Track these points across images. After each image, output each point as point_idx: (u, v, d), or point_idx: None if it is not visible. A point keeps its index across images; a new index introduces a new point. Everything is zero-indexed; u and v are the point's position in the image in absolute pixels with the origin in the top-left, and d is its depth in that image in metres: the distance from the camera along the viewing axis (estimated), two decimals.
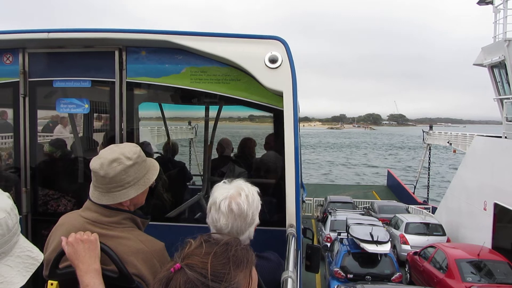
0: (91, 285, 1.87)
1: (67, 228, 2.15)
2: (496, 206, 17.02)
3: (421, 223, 19.95)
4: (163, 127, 5.75)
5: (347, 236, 15.40)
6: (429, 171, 33.97)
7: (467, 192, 20.10)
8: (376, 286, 12.27)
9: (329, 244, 17.38)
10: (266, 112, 3.55)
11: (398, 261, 15.77)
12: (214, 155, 5.09)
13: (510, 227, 17.61)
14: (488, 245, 15.87)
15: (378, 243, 14.02)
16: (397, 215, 21.66)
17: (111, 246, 2.02)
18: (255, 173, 4.57)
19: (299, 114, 3.42)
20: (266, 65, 3.20)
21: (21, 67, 3.64)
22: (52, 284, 2.03)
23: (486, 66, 19.98)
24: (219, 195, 2.15)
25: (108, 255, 2.00)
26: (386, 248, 14.14)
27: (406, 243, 18.71)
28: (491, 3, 20.75)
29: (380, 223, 18.69)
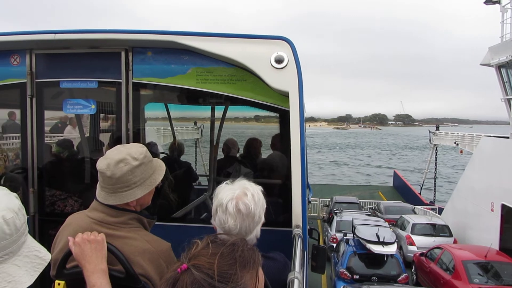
0: (98, 285, 1.88)
1: (74, 228, 2.15)
2: (504, 207, 16.90)
3: (427, 224, 19.86)
4: (169, 128, 5.77)
5: (353, 236, 15.37)
6: (435, 172, 33.80)
7: (474, 193, 19.97)
8: (382, 287, 12.22)
9: (335, 245, 17.35)
10: (272, 112, 3.54)
11: (405, 262, 15.72)
12: (220, 155, 5.10)
13: None
14: (496, 246, 15.75)
15: (384, 244, 13.97)
16: (403, 216, 21.58)
17: (117, 246, 2.03)
18: (261, 174, 4.57)
19: (304, 114, 3.41)
20: (272, 65, 3.19)
21: (28, 68, 3.66)
22: (59, 284, 2.04)
23: (494, 66, 19.84)
24: (225, 196, 2.14)
25: (114, 255, 2.00)
26: (392, 249, 14.09)
27: (412, 244, 18.63)
28: (498, 2, 20.61)
29: (386, 223, 18.65)
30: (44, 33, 3.49)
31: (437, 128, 35.22)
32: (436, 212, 26.15)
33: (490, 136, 20.98)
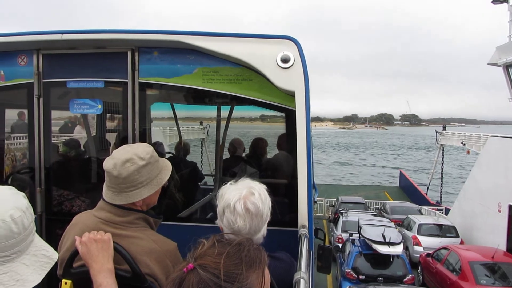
0: (104, 285, 1.88)
1: (80, 228, 2.16)
2: (511, 207, 16.76)
3: (434, 224, 19.76)
4: (175, 127, 5.78)
5: (359, 237, 15.31)
6: (442, 172, 33.60)
7: (481, 194, 19.81)
8: None
9: (340, 245, 17.30)
10: (278, 112, 3.53)
11: (411, 263, 15.65)
12: (226, 155, 5.10)
13: None
14: (503, 247, 15.62)
15: (390, 244, 13.91)
16: (409, 216, 21.46)
17: (124, 245, 2.03)
18: (267, 173, 4.57)
19: (310, 114, 3.41)
20: (278, 65, 3.18)
21: (35, 68, 3.68)
22: (66, 283, 2.05)
23: (501, 66, 19.69)
24: (231, 196, 2.12)
25: (121, 255, 2.00)
26: (398, 250, 14.03)
27: (418, 244, 18.54)
28: (506, 1, 20.44)
29: (392, 224, 18.55)
30: (51, 33, 3.51)
31: (444, 128, 35.00)
32: (442, 213, 25.99)
33: (498, 136, 20.81)
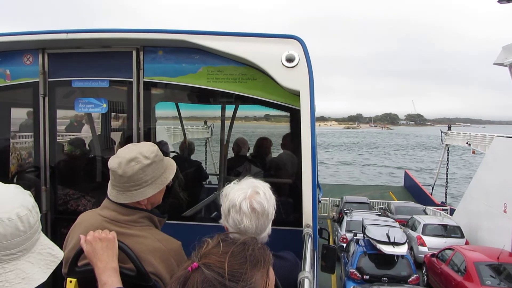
0: (109, 283, 1.89)
1: (85, 227, 2.17)
2: None
3: (438, 224, 19.67)
4: (180, 127, 5.79)
5: (363, 236, 15.28)
6: (447, 172, 33.47)
7: (486, 194, 19.70)
8: None
9: (345, 245, 17.26)
10: (282, 112, 3.53)
11: (415, 263, 15.57)
12: (230, 154, 5.10)
13: None
14: (508, 248, 15.50)
15: (394, 244, 13.87)
16: (414, 216, 21.38)
17: (128, 244, 2.04)
18: (271, 173, 4.56)
19: (315, 113, 3.40)
20: (283, 64, 3.18)
21: (41, 67, 3.69)
22: (71, 282, 2.06)
23: (507, 66, 19.57)
24: (236, 196, 2.12)
25: (126, 254, 2.01)
26: (403, 250, 13.98)
27: (423, 244, 18.47)
28: None
29: (397, 224, 18.48)
30: (56, 32, 3.52)
31: (449, 128, 34.84)
32: (447, 213, 25.85)
33: (503, 137, 20.68)
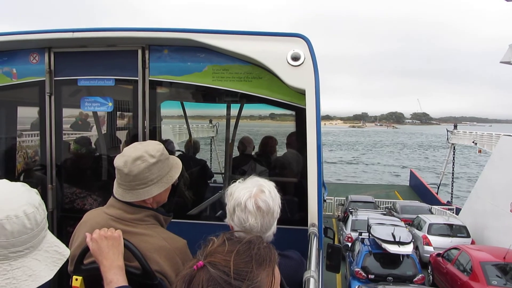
0: (115, 281, 1.89)
1: (91, 225, 2.18)
2: None
3: (444, 224, 19.57)
4: (185, 126, 5.80)
5: (369, 236, 15.24)
6: (453, 171, 33.29)
7: (492, 193, 19.60)
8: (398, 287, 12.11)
9: (350, 244, 17.23)
10: (287, 110, 3.52)
11: (421, 263, 15.52)
12: (235, 153, 5.10)
13: None
14: None
15: (400, 243, 13.83)
16: (420, 215, 21.29)
17: (134, 243, 2.04)
18: (276, 172, 4.56)
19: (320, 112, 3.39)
20: (288, 62, 3.17)
21: (47, 66, 3.71)
22: (76, 280, 2.06)
23: None
24: (241, 195, 2.13)
25: (131, 252, 2.01)
26: (408, 249, 13.94)
27: (429, 244, 18.39)
28: None
29: (402, 223, 18.42)
30: (62, 31, 3.54)
31: (455, 127, 34.65)
32: (453, 212, 25.72)
33: (510, 136, 20.55)
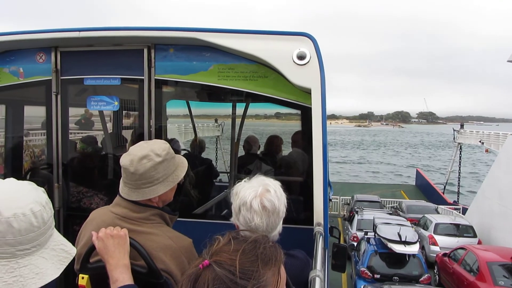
0: (120, 280, 1.90)
1: (97, 223, 2.18)
2: None
3: (451, 224, 19.46)
4: (191, 125, 5.81)
5: (374, 235, 15.20)
6: (459, 171, 33.10)
7: (499, 193, 19.46)
8: (404, 287, 12.06)
9: (355, 244, 17.19)
10: (293, 110, 3.51)
11: (427, 263, 15.44)
12: (240, 152, 5.10)
13: None
14: None
15: (406, 243, 13.77)
16: (426, 215, 21.19)
17: (140, 241, 2.04)
18: (282, 171, 4.55)
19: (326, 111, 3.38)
20: (294, 61, 3.16)
21: (53, 65, 3.72)
22: (83, 278, 2.07)
23: None
24: (247, 194, 2.13)
25: (137, 251, 2.02)
26: (414, 249, 13.88)
27: (435, 244, 18.30)
28: None
29: (408, 223, 18.35)
30: (69, 31, 3.55)
31: (462, 126, 34.47)
32: (460, 212, 25.58)
33: None
